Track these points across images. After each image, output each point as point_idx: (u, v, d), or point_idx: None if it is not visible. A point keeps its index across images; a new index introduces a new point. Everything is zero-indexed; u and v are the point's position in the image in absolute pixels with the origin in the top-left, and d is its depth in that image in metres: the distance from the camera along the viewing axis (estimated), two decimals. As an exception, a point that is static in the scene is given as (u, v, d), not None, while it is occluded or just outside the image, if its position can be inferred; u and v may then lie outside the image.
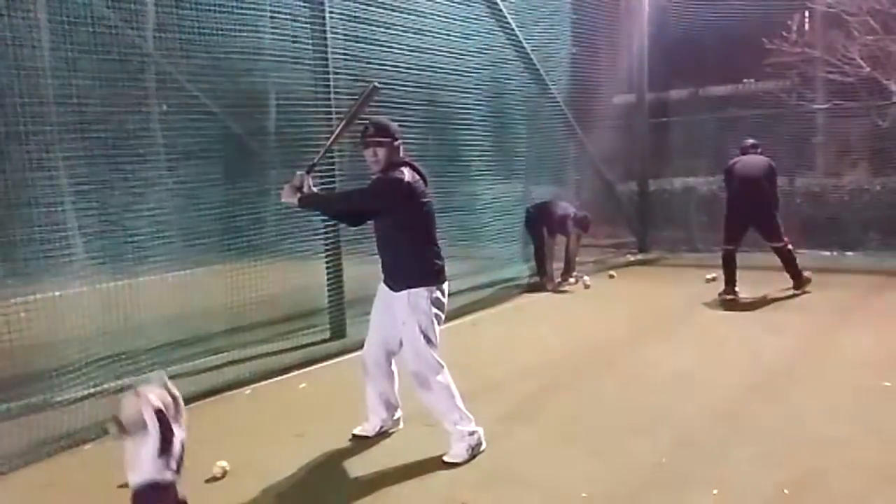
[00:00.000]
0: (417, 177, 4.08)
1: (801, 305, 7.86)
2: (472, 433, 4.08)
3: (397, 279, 4.12)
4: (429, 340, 4.07)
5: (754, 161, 8.20)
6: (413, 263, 4.08)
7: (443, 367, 4.11)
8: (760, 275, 8.81)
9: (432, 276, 4.11)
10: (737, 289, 8.28)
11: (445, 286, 4.20)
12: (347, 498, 3.69)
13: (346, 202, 4.49)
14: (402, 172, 4.00)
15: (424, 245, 4.11)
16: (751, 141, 8.46)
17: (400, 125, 4.31)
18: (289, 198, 4.13)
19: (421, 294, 4.04)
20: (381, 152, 4.04)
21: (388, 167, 4.06)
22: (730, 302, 8.13)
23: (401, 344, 4.22)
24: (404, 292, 4.05)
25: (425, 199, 4.08)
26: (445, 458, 4.02)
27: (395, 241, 4.12)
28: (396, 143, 4.10)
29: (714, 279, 9.05)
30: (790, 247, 8.24)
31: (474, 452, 4.07)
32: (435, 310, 4.10)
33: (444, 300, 4.20)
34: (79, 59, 5.02)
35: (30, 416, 4.67)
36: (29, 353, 4.75)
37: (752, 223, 8.21)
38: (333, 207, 4.60)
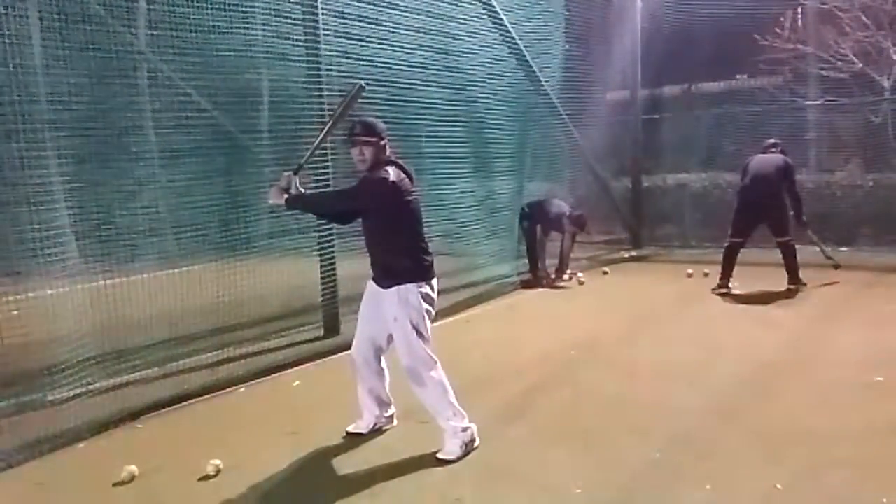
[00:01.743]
0: (403, 175, 4.11)
1: (793, 301, 7.89)
2: (465, 429, 4.09)
3: (386, 276, 4.15)
4: (421, 335, 4.09)
5: (768, 158, 8.33)
6: (401, 260, 4.11)
7: (436, 362, 4.13)
8: (754, 271, 8.84)
9: (421, 272, 4.14)
10: (730, 284, 8.32)
11: (434, 282, 4.22)
12: (341, 495, 3.69)
13: (333, 202, 4.53)
14: (388, 172, 4.03)
15: (412, 242, 4.15)
16: (771, 141, 8.62)
17: (393, 122, 4.32)
18: (276, 199, 4.17)
19: (410, 290, 4.07)
20: (368, 151, 4.07)
21: (374, 166, 4.09)
22: (723, 297, 8.16)
23: (389, 340, 4.25)
24: (394, 289, 4.08)
25: (411, 198, 4.11)
26: (439, 455, 4.02)
27: (382, 238, 4.15)
28: (383, 143, 4.13)
29: (706, 275, 9.10)
30: (794, 242, 8.31)
31: (468, 449, 4.08)
32: (425, 305, 4.13)
33: (434, 296, 4.22)
34: (71, 57, 5.00)
35: (23, 415, 4.67)
36: (22, 352, 4.73)
37: (762, 218, 8.29)
38: (320, 207, 4.63)
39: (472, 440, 4.12)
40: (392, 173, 4.02)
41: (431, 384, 4.09)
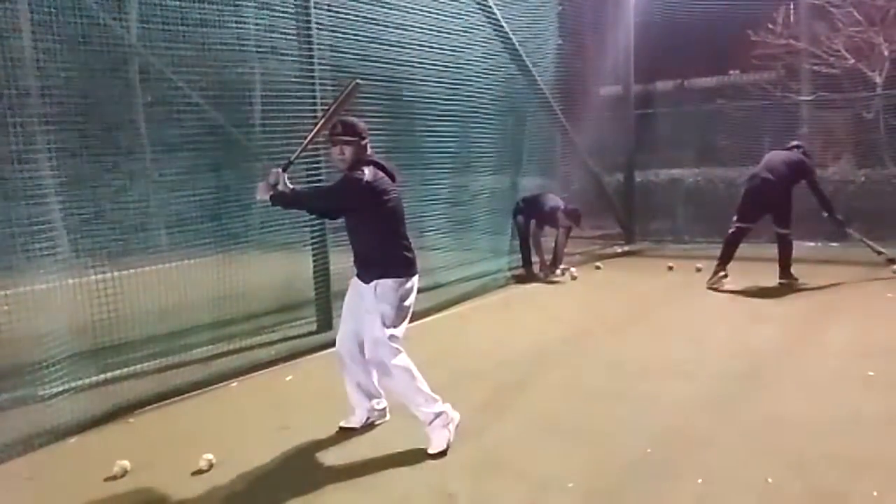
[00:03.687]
0: (381, 174, 4.12)
1: (786, 296, 7.91)
2: (438, 414, 4.09)
3: (367, 272, 4.19)
4: (389, 331, 4.10)
5: (783, 153, 8.49)
6: (382, 256, 4.15)
7: (400, 351, 4.13)
8: (747, 266, 8.85)
9: (401, 268, 4.17)
10: (727, 275, 8.36)
11: (415, 278, 4.25)
12: (333, 490, 3.69)
13: (314, 200, 4.54)
14: (363, 172, 4.04)
15: (392, 239, 4.18)
16: (795, 142, 8.76)
17: (386, 117, 4.31)
18: (262, 195, 4.18)
19: (389, 285, 4.10)
20: (349, 150, 4.11)
21: (353, 165, 4.11)
22: (715, 292, 8.20)
23: None
24: (373, 283, 4.12)
25: (388, 197, 4.11)
26: (429, 451, 4.02)
27: (363, 235, 4.20)
28: (364, 142, 4.15)
29: (698, 270, 9.11)
30: (791, 238, 8.34)
31: (451, 432, 4.09)
32: (403, 301, 4.15)
33: (414, 292, 4.24)
34: (61, 51, 4.96)
35: (13, 410, 4.65)
36: (12, 347, 4.72)
37: (765, 205, 8.37)
38: (303, 205, 4.62)
39: (450, 421, 4.12)
40: (368, 173, 4.04)
41: (397, 372, 4.09)
